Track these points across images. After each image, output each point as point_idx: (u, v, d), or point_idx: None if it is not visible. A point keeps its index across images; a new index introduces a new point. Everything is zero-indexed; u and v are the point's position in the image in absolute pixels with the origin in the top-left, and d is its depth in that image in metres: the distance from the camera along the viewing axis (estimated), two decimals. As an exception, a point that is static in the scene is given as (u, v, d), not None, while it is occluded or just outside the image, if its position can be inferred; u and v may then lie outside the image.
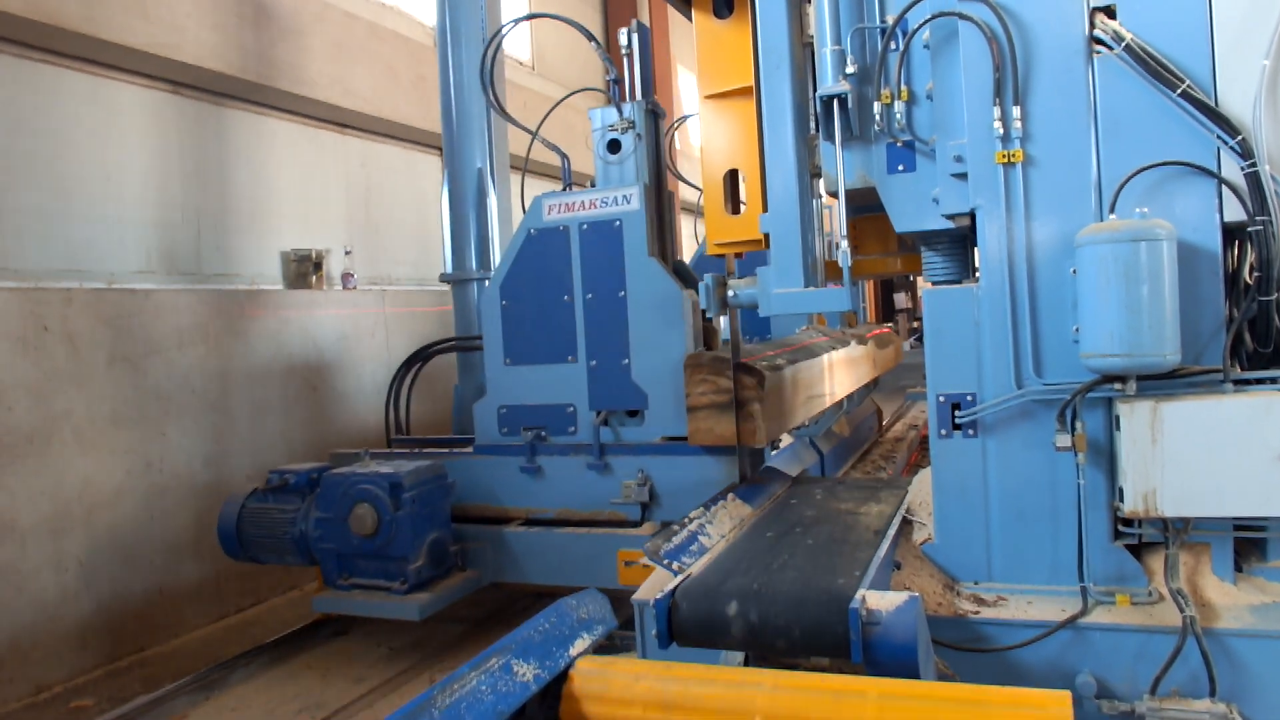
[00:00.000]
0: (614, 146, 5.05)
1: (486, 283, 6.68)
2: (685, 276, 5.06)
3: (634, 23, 5.30)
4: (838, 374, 5.90)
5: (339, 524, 4.77)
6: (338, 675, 5.02)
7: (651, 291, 4.76)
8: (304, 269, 7.56)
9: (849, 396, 6.61)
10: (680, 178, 7.52)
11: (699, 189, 4.41)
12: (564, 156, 5.47)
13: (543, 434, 5.06)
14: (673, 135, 7.82)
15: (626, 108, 5.06)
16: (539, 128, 5.47)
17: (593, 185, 5.13)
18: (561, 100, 6.01)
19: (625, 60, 5.19)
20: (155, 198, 6.44)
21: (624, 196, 4.83)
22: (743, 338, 6.41)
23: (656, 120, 5.22)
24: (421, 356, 6.72)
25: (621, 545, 4.64)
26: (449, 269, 7.04)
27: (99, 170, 6.05)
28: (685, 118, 8.31)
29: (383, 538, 4.68)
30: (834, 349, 5.92)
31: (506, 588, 5.42)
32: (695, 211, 12.53)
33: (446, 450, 5.53)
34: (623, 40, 5.22)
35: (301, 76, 7.37)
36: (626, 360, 4.81)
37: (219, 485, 6.38)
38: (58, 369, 5.45)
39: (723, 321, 5.38)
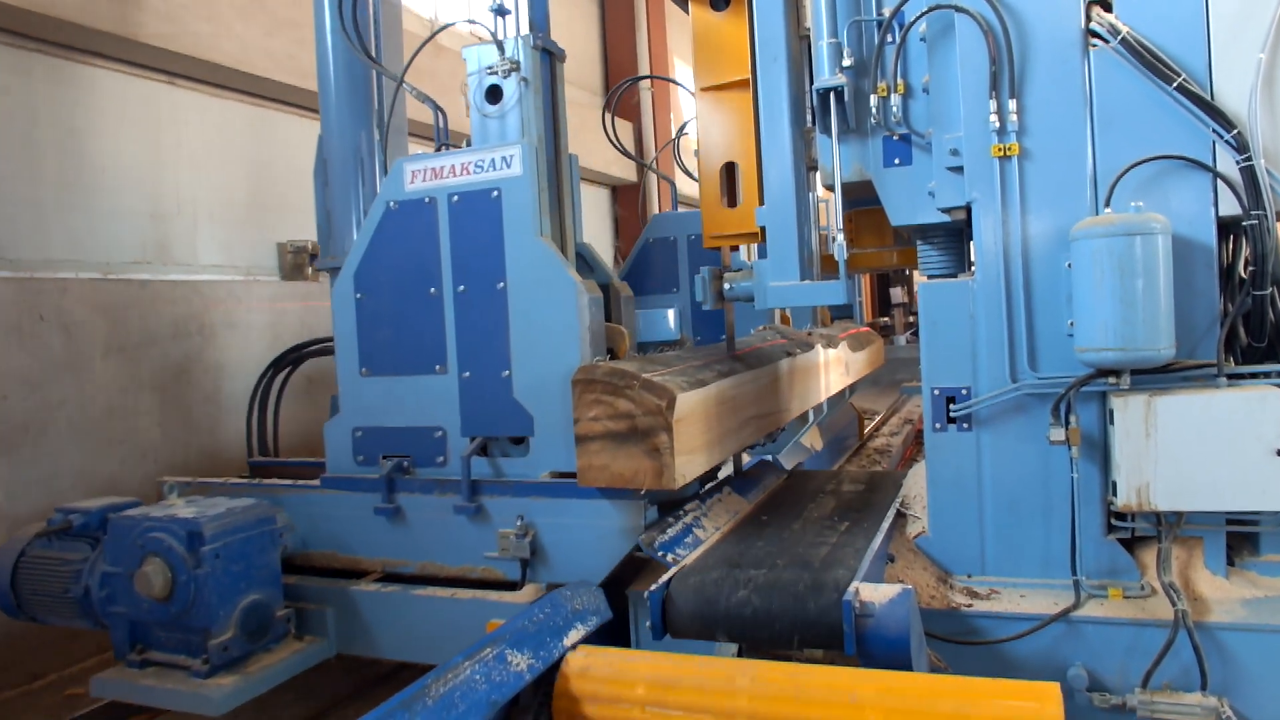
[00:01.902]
0: (493, 94, 3.89)
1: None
2: (591, 264, 4.31)
3: None
4: (798, 384, 4.95)
5: (129, 581, 3.59)
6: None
7: (539, 282, 3.66)
8: (300, 260, 7.55)
9: (816, 408, 5.75)
10: (687, 172, 6.76)
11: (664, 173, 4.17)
12: (438, 110, 4.48)
13: (406, 465, 3.93)
14: (675, 145, 7.51)
15: (510, 44, 3.89)
16: (404, 73, 4.47)
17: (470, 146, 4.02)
18: (437, 32, 4.84)
19: None
20: (150, 188, 6.43)
21: (504, 159, 3.73)
22: (692, 338, 6.11)
23: (552, 62, 4.10)
24: (291, 359, 5.69)
25: (495, 614, 3.42)
26: (323, 254, 5.43)
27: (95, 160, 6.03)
28: (685, 125, 7.36)
29: (178, 603, 3.47)
30: (793, 354, 4.93)
31: (362, 662, 4.27)
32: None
33: (289, 482, 4.31)
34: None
35: (299, 67, 7.35)
36: (507, 372, 3.71)
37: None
38: (54, 359, 5.45)
39: (642, 319, 5.07)
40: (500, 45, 3.89)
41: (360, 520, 3.98)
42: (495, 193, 3.72)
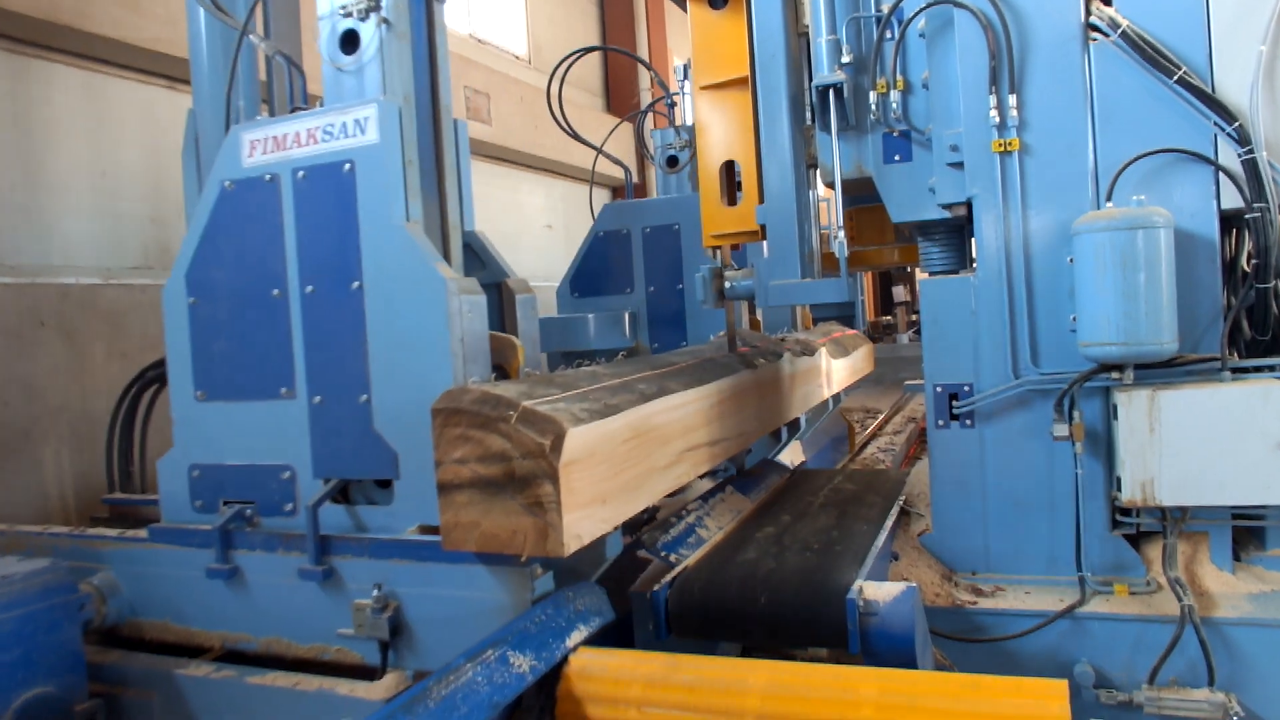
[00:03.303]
0: (349, 42, 3.05)
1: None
2: (484, 258, 3.54)
3: None
4: (765, 399, 4.13)
5: None
6: None
7: (402, 280, 2.84)
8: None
9: (792, 424, 5.11)
10: (650, 158, 6.37)
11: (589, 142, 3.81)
12: (291, 65, 3.65)
13: (249, 513, 3.10)
14: (639, 128, 7.28)
15: None
16: (248, 19, 3.56)
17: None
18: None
19: None
20: (151, 193, 6.43)
21: (357, 123, 2.91)
22: (648, 345, 5.47)
23: (428, 7, 3.32)
24: (160, 376, 4.43)
25: (346, 711, 2.68)
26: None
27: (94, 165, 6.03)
28: (650, 105, 6.99)
29: None
30: (756, 365, 4.08)
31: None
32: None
33: (115, 534, 3.41)
34: None
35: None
36: (365, 396, 2.89)
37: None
38: (55, 364, 5.45)
39: (593, 323, 4.75)
40: None
41: (195, 583, 3.13)
42: (347, 166, 2.90)
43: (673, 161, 5.68)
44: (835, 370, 5.70)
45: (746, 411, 3.83)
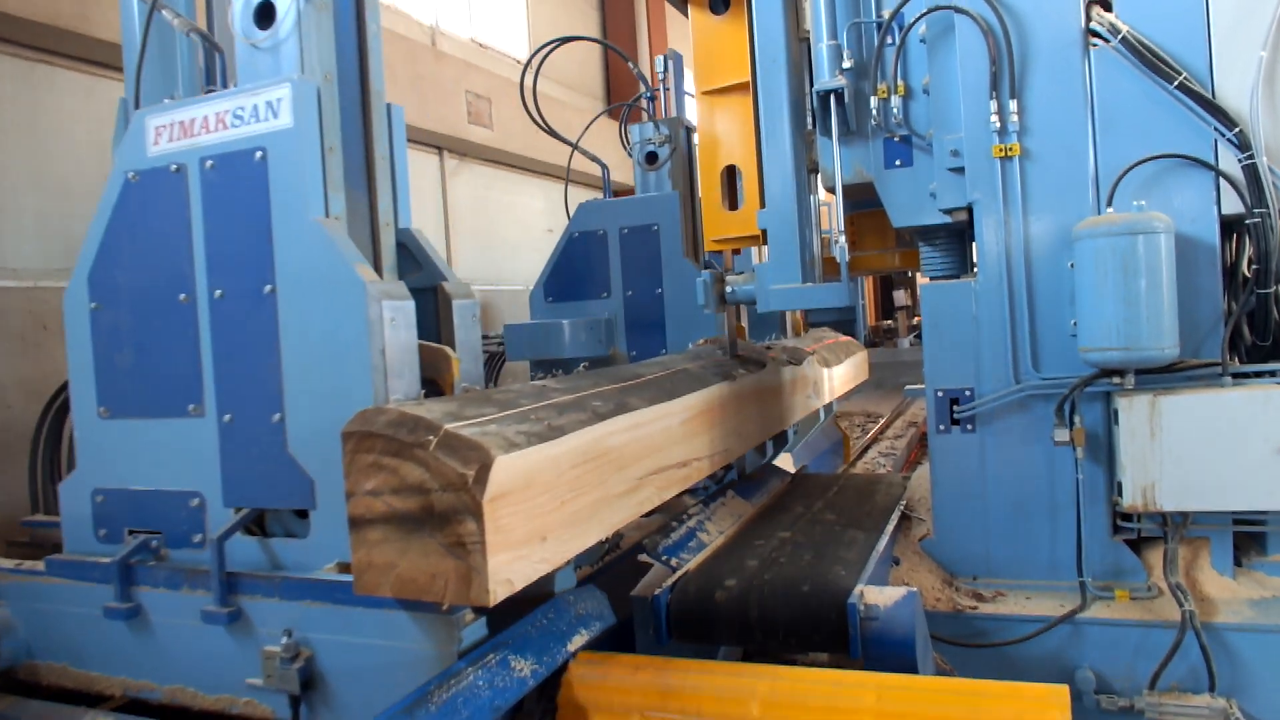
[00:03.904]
0: (264, 15, 2.71)
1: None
2: (419, 259, 3.18)
3: None
4: (744, 412, 3.70)
5: None
6: None
7: (318, 283, 2.51)
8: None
9: (778, 438, 4.74)
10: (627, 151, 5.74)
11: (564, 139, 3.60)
12: (207, 42, 3.11)
13: (155, 545, 2.77)
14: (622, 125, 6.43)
15: None
16: None
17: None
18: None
19: None
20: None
21: (270, 105, 2.58)
22: (625, 352, 5.12)
23: None
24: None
25: None
26: None
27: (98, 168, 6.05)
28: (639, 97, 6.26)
29: None
30: (734, 376, 3.67)
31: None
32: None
33: (12, 565, 3.06)
34: None
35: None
36: (278, 415, 2.57)
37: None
38: (58, 367, 5.45)
39: (567, 330, 4.39)
40: None
41: (95, 623, 2.76)
42: (259, 154, 2.57)
43: (652, 158, 5.29)
44: (826, 379, 5.39)
45: (725, 427, 3.49)
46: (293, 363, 2.54)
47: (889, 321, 17.17)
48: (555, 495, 2.25)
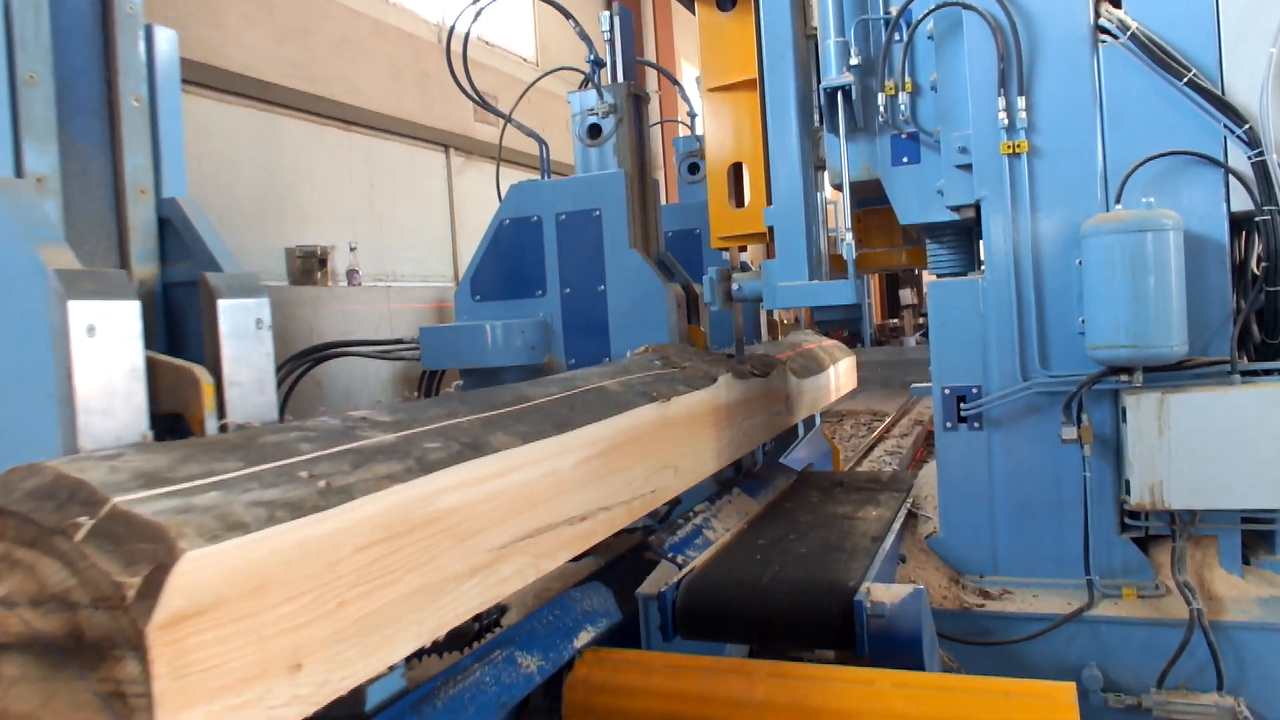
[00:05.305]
0: None
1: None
2: (185, 237, 2.21)
3: None
4: (659, 449, 2.85)
5: None
6: None
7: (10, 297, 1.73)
8: (309, 265, 7.57)
9: (737, 464, 3.99)
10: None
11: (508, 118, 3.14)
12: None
13: None
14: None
15: None
16: None
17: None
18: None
19: None
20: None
21: None
22: (562, 361, 4.20)
23: None
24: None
25: None
26: None
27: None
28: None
29: None
30: (664, 398, 2.92)
31: None
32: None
33: None
34: None
35: (306, 74, 7.39)
36: None
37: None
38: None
39: (491, 334, 3.70)
40: None
41: None
42: None
43: (594, 131, 4.45)
44: (803, 391, 4.75)
45: (651, 462, 2.76)
46: None
47: (895, 319, 17.12)
48: (323, 596, 1.46)
